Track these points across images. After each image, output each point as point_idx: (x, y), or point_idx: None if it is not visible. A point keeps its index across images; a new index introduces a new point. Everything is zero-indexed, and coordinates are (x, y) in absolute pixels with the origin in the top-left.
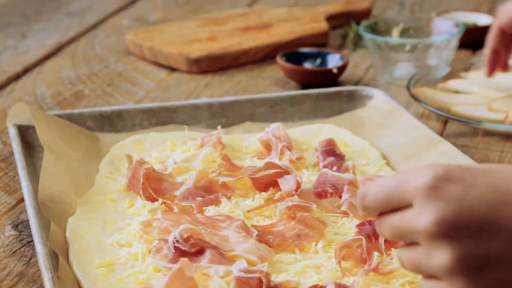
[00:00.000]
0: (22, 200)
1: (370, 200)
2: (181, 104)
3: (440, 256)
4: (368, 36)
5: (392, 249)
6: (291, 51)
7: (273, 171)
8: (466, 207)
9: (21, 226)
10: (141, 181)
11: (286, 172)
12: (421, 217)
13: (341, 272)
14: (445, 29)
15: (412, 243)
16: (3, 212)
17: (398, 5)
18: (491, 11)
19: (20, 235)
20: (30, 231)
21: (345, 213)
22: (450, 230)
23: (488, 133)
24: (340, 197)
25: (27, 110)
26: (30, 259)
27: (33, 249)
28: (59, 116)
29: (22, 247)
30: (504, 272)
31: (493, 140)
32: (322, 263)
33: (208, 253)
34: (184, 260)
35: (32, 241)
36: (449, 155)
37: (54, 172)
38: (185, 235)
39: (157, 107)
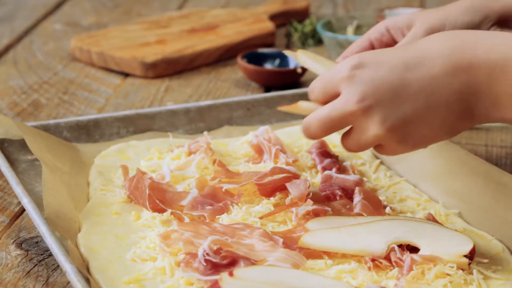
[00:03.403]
0: (16, 217)
1: (313, 95)
2: (158, 110)
3: (371, 128)
4: (328, 35)
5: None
6: (251, 52)
7: (281, 176)
8: (378, 83)
9: (25, 245)
10: (147, 192)
11: (295, 176)
12: (347, 102)
13: (376, 275)
14: None
15: (347, 132)
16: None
17: (331, 3)
18: (423, 6)
19: (27, 254)
20: (37, 249)
21: (359, 215)
22: (371, 104)
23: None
24: (349, 199)
25: (4, 123)
26: (47, 279)
27: (47, 268)
28: (36, 127)
29: (34, 266)
30: (422, 127)
31: (473, 134)
32: (354, 267)
33: (242, 264)
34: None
35: (43, 259)
36: (444, 151)
37: (54, 186)
38: (214, 247)
39: (134, 114)
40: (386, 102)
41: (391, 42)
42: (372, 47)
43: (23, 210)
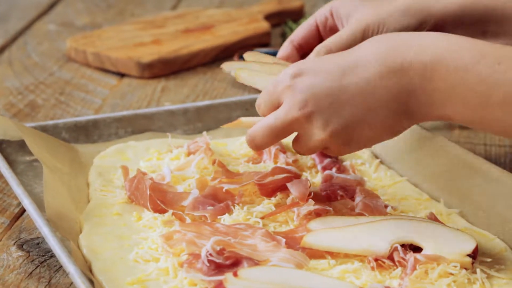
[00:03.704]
0: (16, 218)
1: (260, 110)
2: (156, 110)
3: (315, 133)
4: None
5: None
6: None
7: (282, 176)
8: (317, 89)
9: (26, 246)
10: (148, 192)
11: (296, 176)
12: (290, 110)
13: (380, 275)
14: None
15: (296, 137)
16: (0, 233)
17: (325, 3)
18: None
19: (29, 255)
20: (38, 250)
21: (361, 215)
22: (312, 111)
23: (464, 126)
24: (351, 198)
25: (3, 123)
26: (50, 280)
27: (49, 269)
28: (34, 128)
29: (36, 268)
30: (363, 128)
31: (472, 134)
32: (357, 267)
33: (245, 265)
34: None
35: (44, 261)
36: (443, 150)
37: (54, 187)
38: (217, 248)
39: (133, 114)
40: (326, 107)
41: (334, 28)
42: (317, 30)
43: (23, 211)
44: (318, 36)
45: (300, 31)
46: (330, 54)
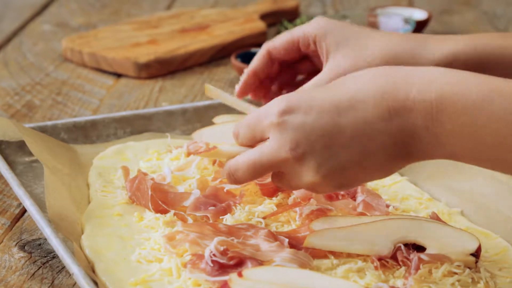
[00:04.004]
0: (17, 219)
1: (240, 138)
2: (155, 111)
3: (305, 175)
4: None
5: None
6: (244, 52)
7: None
8: (309, 129)
9: (28, 247)
10: (149, 193)
11: None
12: (279, 149)
13: (383, 274)
14: (393, 25)
15: (278, 174)
16: (1, 234)
17: (320, 2)
18: (411, 4)
19: (31, 256)
20: (40, 251)
21: (362, 214)
22: (304, 152)
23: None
24: (352, 198)
25: (2, 124)
26: (53, 281)
27: (52, 270)
28: (33, 129)
29: (38, 269)
30: (357, 171)
31: None
32: (361, 266)
33: (249, 265)
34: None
35: (47, 262)
36: None
37: (55, 188)
38: (221, 248)
39: (131, 115)
40: (320, 149)
41: (316, 52)
42: (298, 49)
43: (23, 212)
44: (298, 54)
45: (254, 65)
46: (321, 87)
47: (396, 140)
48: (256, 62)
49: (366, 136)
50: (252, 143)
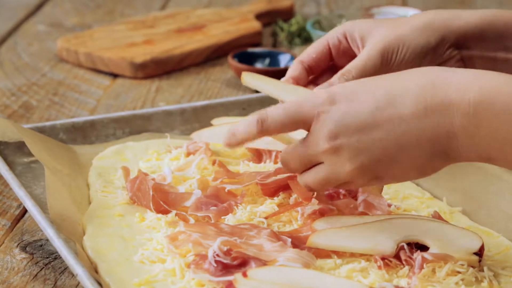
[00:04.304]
0: (17, 220)
1: (271, 123)
2: (154, 111)
3: (343, 166)
4: (319, 33)
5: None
6: (241, 52)
7: (285, 175)
8: (349, 120)
9: (30, 248)
10: (151, 193)
11: None
12: (319, 140)
13: (387, 274)
14: None
15: (312, 167)
16: (2, 235)
17: (314, 2)
18: (405, 4)
19: (33, 257)
20: (41, 252)
21: (364, 214)
22: (342, 142)
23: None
24: (353, 197)
25: (1, 125)
26: (55, 282)
27: (54, 271)
28: (31, 129)
29: (41, 270)
30: (392, 166)
31: None
32: (364, 266)
33: (252, 265)
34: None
35: (49, 263)
36: None
37: (56, 189)
38: (224, 248)
39: (130, 115)
40: (355, 140)
41: (348, 51)
42: (329, 52)
43: (23, 213)
44: (329, 59)
45: (311, 52)
46: (363, 83)
47: (432, 138)
48: (290, 72)
49: (400, 132)
50: (283, 129)
